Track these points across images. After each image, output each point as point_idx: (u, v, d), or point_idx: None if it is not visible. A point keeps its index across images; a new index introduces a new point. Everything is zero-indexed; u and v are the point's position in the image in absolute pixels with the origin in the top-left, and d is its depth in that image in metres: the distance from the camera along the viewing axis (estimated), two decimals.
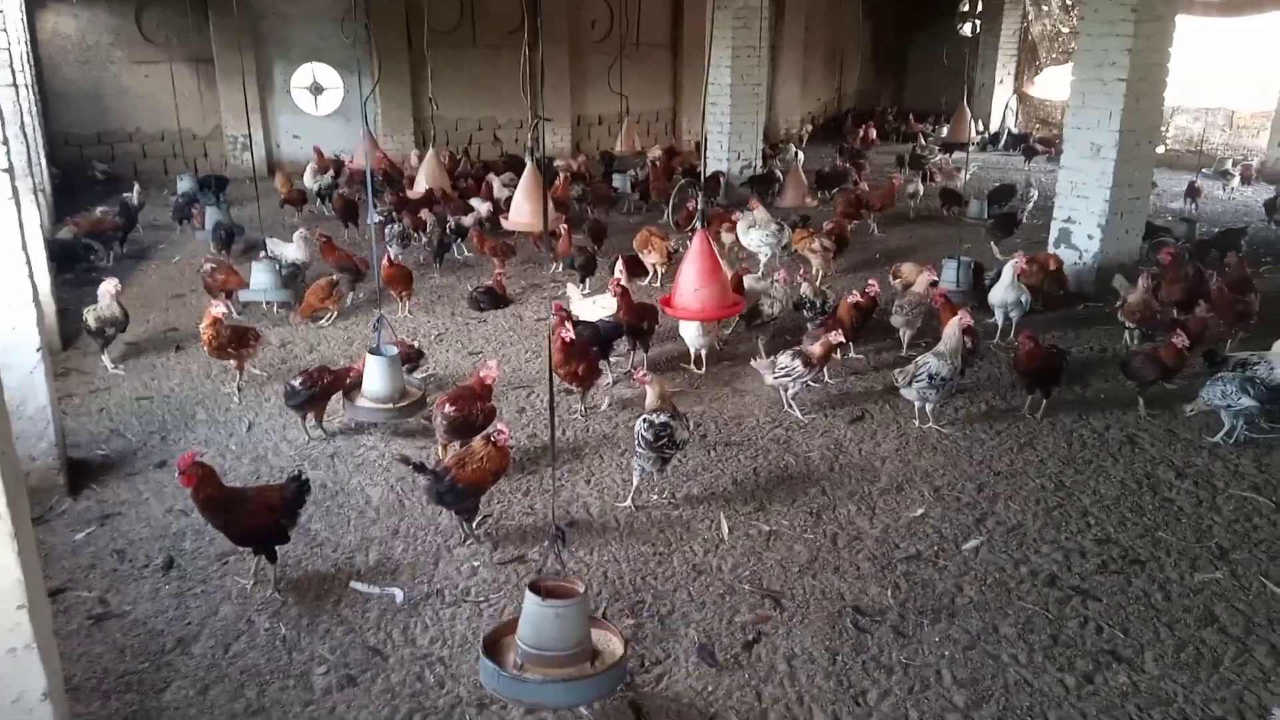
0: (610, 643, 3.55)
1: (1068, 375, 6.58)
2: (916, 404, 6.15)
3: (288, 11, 15.44)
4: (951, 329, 6.09)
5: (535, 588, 3.37)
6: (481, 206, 10.79)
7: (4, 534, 2.53)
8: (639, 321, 7.03)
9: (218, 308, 6.46)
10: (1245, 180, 14.69)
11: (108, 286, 7.00)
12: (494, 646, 3.50)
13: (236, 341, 6.53)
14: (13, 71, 8.20)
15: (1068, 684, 3.76)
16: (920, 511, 5.10)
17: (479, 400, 5.50)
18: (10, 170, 5.12)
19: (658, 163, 14.27)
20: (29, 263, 5.22)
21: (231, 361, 6.61)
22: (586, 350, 6.36)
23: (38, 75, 13.48)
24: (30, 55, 12.81)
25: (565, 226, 9.89)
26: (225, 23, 14.28)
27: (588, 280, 9.14)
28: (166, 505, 5.15)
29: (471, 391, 5.54)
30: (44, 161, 11.67)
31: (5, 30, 8.16)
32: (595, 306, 7.50)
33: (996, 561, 4.63)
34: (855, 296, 7.04)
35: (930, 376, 5.93)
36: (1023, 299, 7.62)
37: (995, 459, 5.74)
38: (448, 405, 5.42)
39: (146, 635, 4.08)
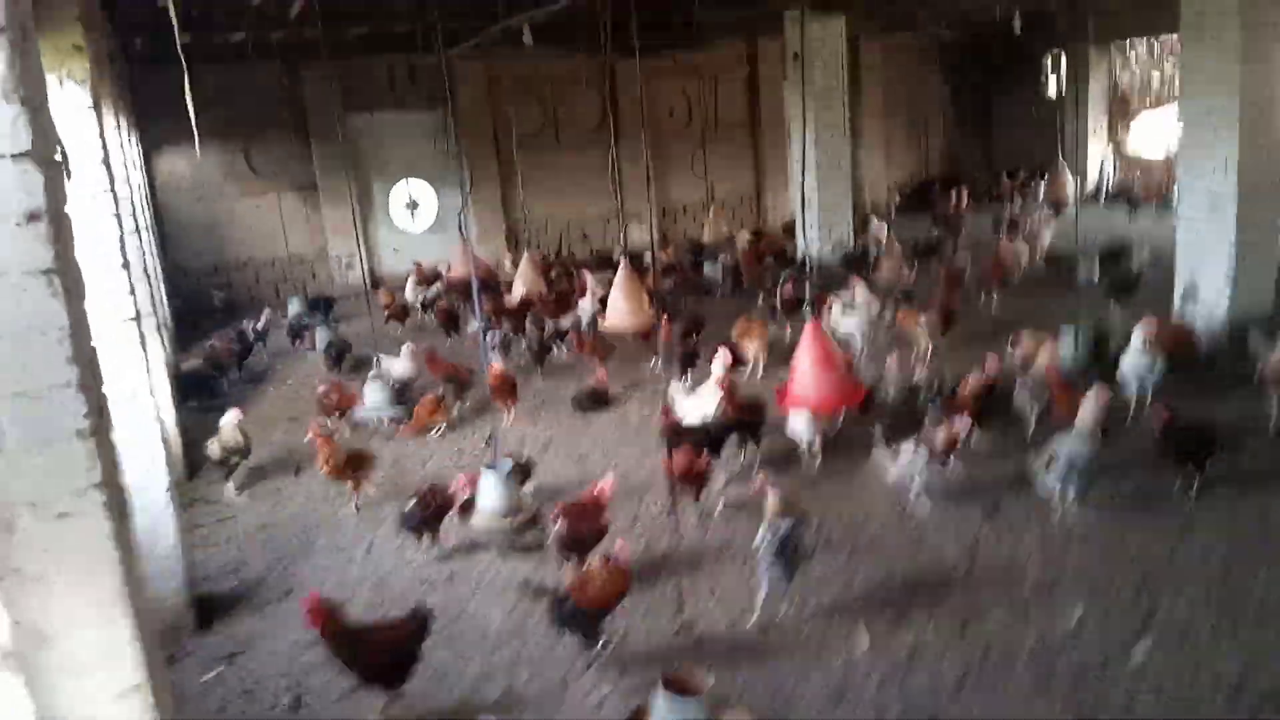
0: None
1: (1218, 449, 6.08)
2: (1057, 492, 5.75)
3: (382, 133, 16.18)
4: (1088, 406, 5.71)
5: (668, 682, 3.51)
6: (586, 306, 10.81)
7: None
8: (748, 417, 6.86)
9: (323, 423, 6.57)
10: None
11: (230, 418, 7.22)
12: None
13: (354, 464, 6.62)
14: (135, 218, 8.69)
15: None
16: (1078, 615, 4.69)
17: (591, 514, 5.39)
18: (138, 317, 5.33)
19: (748, 247, 14.22)
20: (157, 404, 5.39)
21: (349, 483, 6.69)
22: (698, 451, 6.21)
23: (156, 216, 14.37)
24: (149, 197, 13.67)
25: (665, 319, 9.84)
26: (326, 149, 15.02)
27: (689, 373, 9.02)
28: (293, 638, 5.14)
29: (583, 508, 5.44)
30: (164, 297, 12.31)
31: (129, 182, 8.69)
32: (700, 401, 7.34)
33: (1172, 668, 4.20)
34: (976, 376, 6.73)
35: (1071, 461, 5.55)
36: (1157, 365, 7.15)
37: (1152, 549, 5.29)
38: (559, 521, 5.33)
39: None
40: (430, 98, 15.62)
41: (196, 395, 9.56)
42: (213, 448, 7.23)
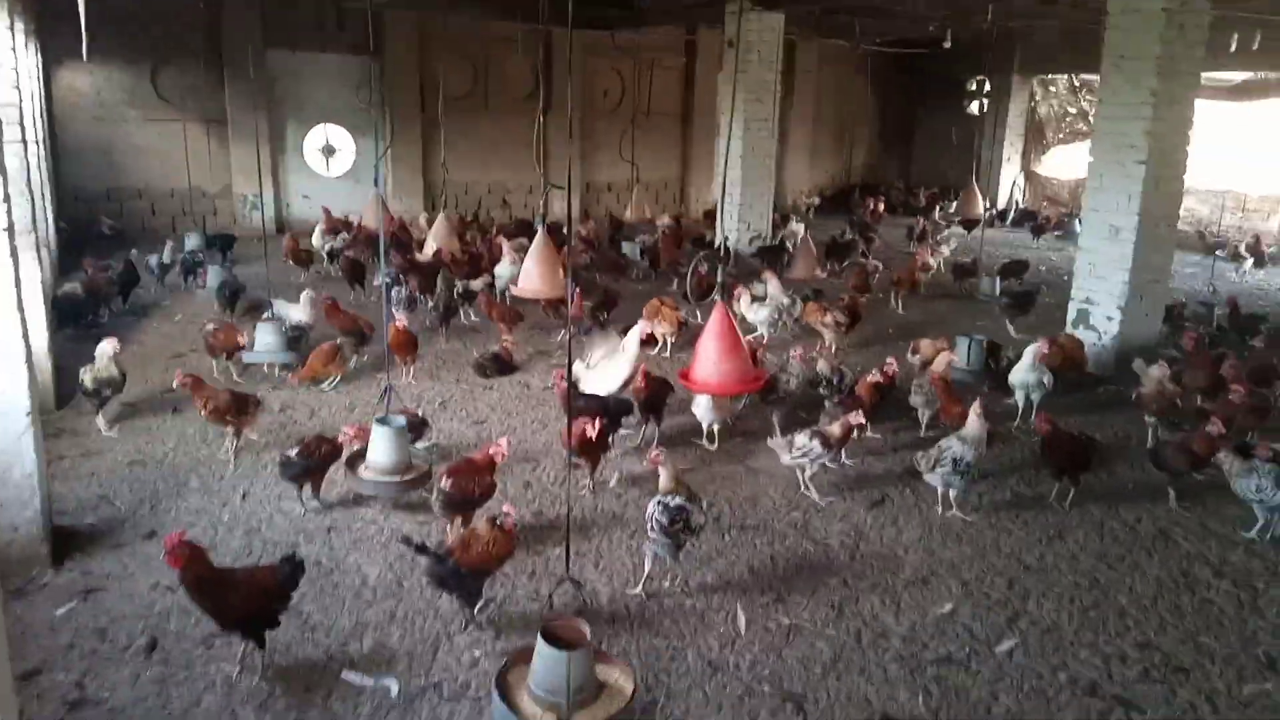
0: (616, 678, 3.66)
1: (1095, 463, 6.34)
2: (940, 490, 5.91)
3: (302, 74, 15.57)
4: (974, 414, 5.90)
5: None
6: (502, 270, 10.61)
7: None
8: (658, 397, 6.83)
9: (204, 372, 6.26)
10: (1258, 264, 14.62)
11: (106, 347, 6.82)
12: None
13: (236, 407, 6.34)
14: (22, 128, 8.13)
15: None
16: (948, 608, 4.82)
17: (480, 474, 5.27)
18: (10, 229, 4.97)
19: (668, 231, 14.22)
20: (24, 322, 5.03)
21: (229, 428, 6.40)
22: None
23: (50, 131, 13.52)
24: (45, 111, 12.85)
25: (578, 293, 9.75)
26: (240, 83, 14.38)
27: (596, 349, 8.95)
28: (153, 580, 4.88)
29: (473, 465, 5.31)
30: (50, 217, 11.60)
31: (18, 88, 8.12)
32: (601, 377, 7.30)
33: (1033, 666, 4.35)
34: (875, 375, 6.86)
35: (955, 461, 5.70)
36: (1044, 380, 7.42)
37: (1024, 551, 5.48)
38: (445, 479, 5.20)
39: None
40: (356, 45, 15.12)
41: (73, 323, 9.03)
42: (85, 379, 6.82)
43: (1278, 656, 4.48)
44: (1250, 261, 14.59)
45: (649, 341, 9.12)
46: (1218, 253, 15.09)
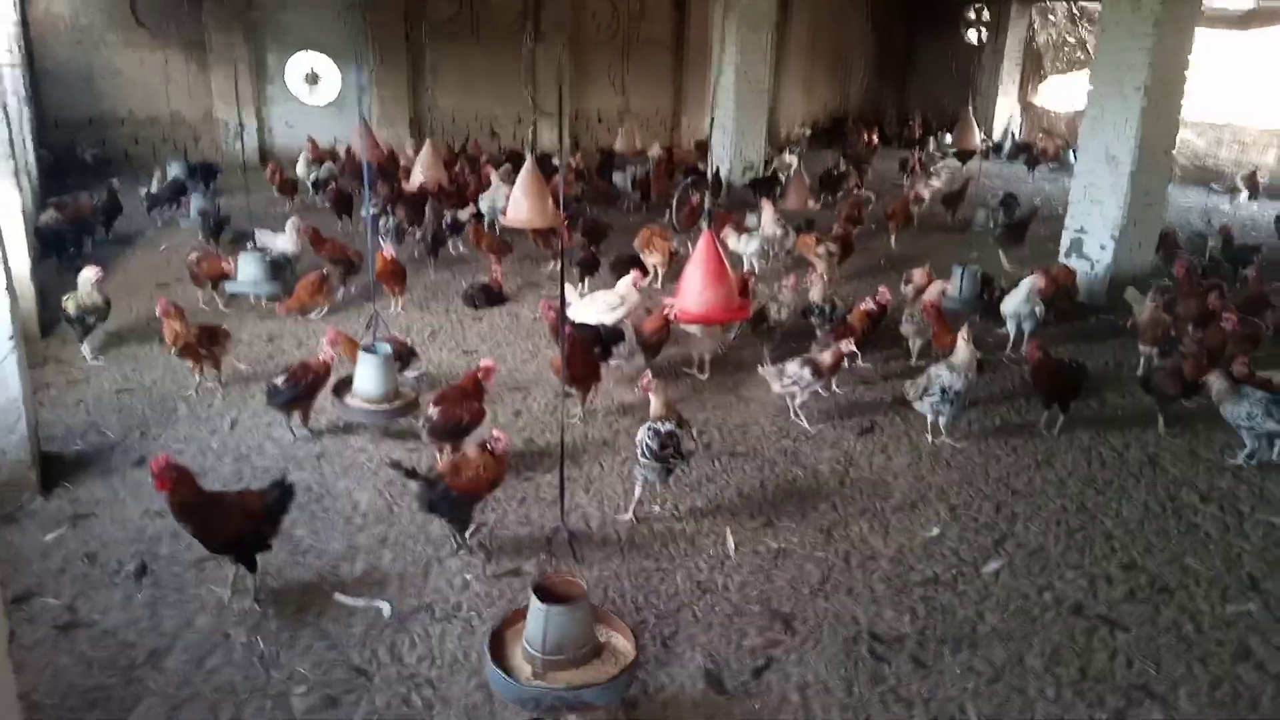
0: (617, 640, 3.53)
1: (1084, 391, 6.35)
2: (929, 417, 5.91)
3: None
4: (962, 342, 5.88)
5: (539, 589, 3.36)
6: (497, 198, 10.44)
7: None
8: (662, 341, 6.76)
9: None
10: (1253, 195, 14.53)
11: (89, 274, 6.72)
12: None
13: (207, 340, 6.21)
14: None
15: None
16: (936, 531, 4.86)
17: (468, 399, 5.24)
18: None
19: (659, 161, 14.03)
20: (3, 246, 4.93)
21: (201, 362, 6.28)
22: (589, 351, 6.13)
23: (28, 56, 13.16)
24: (22, 35, 12.48)
25: (565, 222, 9.62)
26: (220, 8, 13.98)
27: (587, 280, 8.88)
28: (143, 506, 4.88)
29: (461, 391, 5.28)
30: (30, 144, 11.34)
31: None
32: (594, 307, 7.24)
33: (1019, 587, 4.40)
34: (867, 304, 6.81)
35: (943, 390, 5.70)
36: (1037, 310, 7.39)
37: (1012, 477, 5.51)
38: (432, 407, 5.17)
39: (116, 647, 3.80)
40: None
41: (55, 252, 8.88)
42: (68, 305, 6.73)
43: (1261, 577, 4.53)
44: (1245, 194, 14.48)
45: (641, 272, 9.07)
46: (1213, 185, 14.98)
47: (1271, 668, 3.87)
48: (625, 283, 7.31)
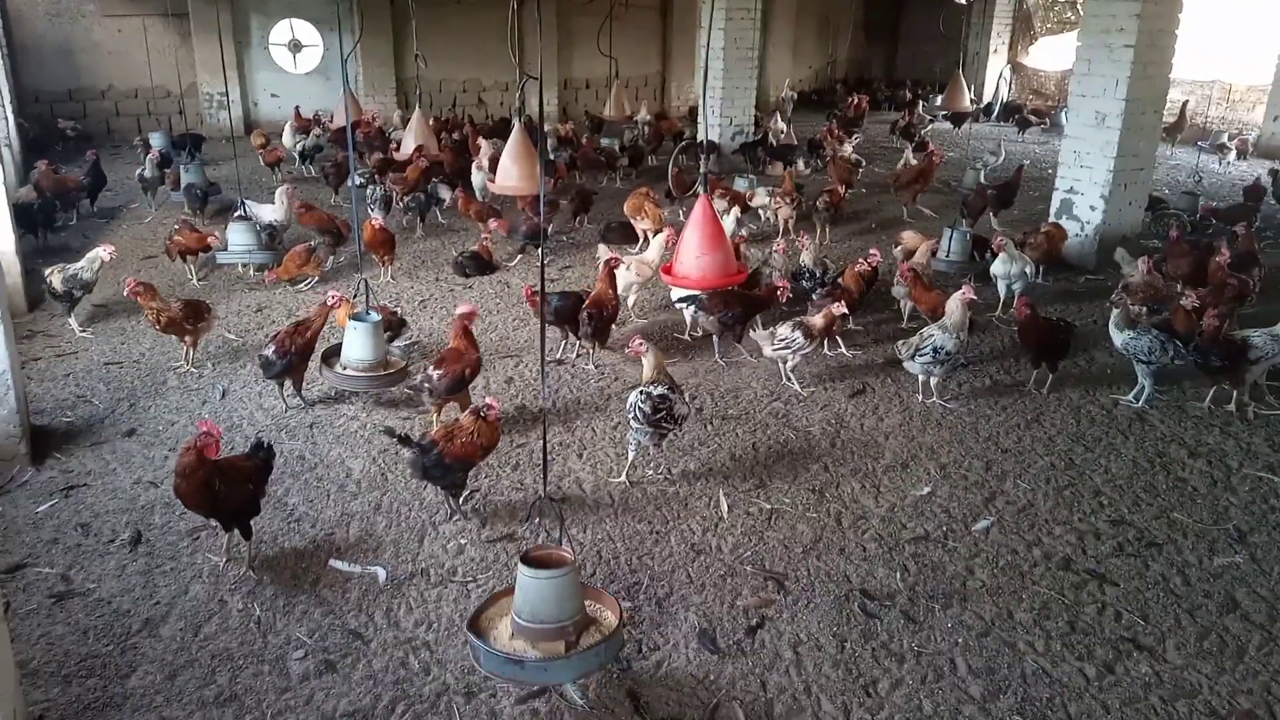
0: (604, 614, 3.45)
1: (1073, 349, 6.37)
2: (920, 378, 5.93)
3: None
4: (955, 303, 5.88)
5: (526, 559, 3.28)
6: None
7: None
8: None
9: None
10: (1241, 155, 14.52)
11: (102, 252, 6.70)
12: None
13: (190, 315, 6.12)
14: None
15: (1088, 674, 3.58)
16: (927, 490, 4.90)
17: (463, 355, 5.28)
18: None
19: (653, 125, 13.94)
20: None
21: (185, 339, 6.22)
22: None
23: (6, 30, 12.95)
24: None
25: (553, 183, 9.57)
26: None
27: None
28: (135, 476, 4.88)
29: (455, 352, 5.30)
30: (11, 118, 11.20)
31: None
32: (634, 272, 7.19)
33: (1008, 543, 4.44)
34: (861, 265, 6.81)
35: (935, 350, 5.71)
36: (1027, 270, 7.40)
37: (1002, 435, 5.54)
38: (434, 369, 5.24)
39: (111, 616, 3.82)
40: None
41: (37, 227, 8.78)
42: (54, 280, 6.68)
43: (1248, 530, 4.58)
44: (1234, 154, 14.47)
45: (629, 238, 9.07)
46: (1200, 144, 14.96)
47: (1257, 618, 3.93)
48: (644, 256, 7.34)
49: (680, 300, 6.80)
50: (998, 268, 7.47)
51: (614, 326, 6.64)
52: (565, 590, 3.24)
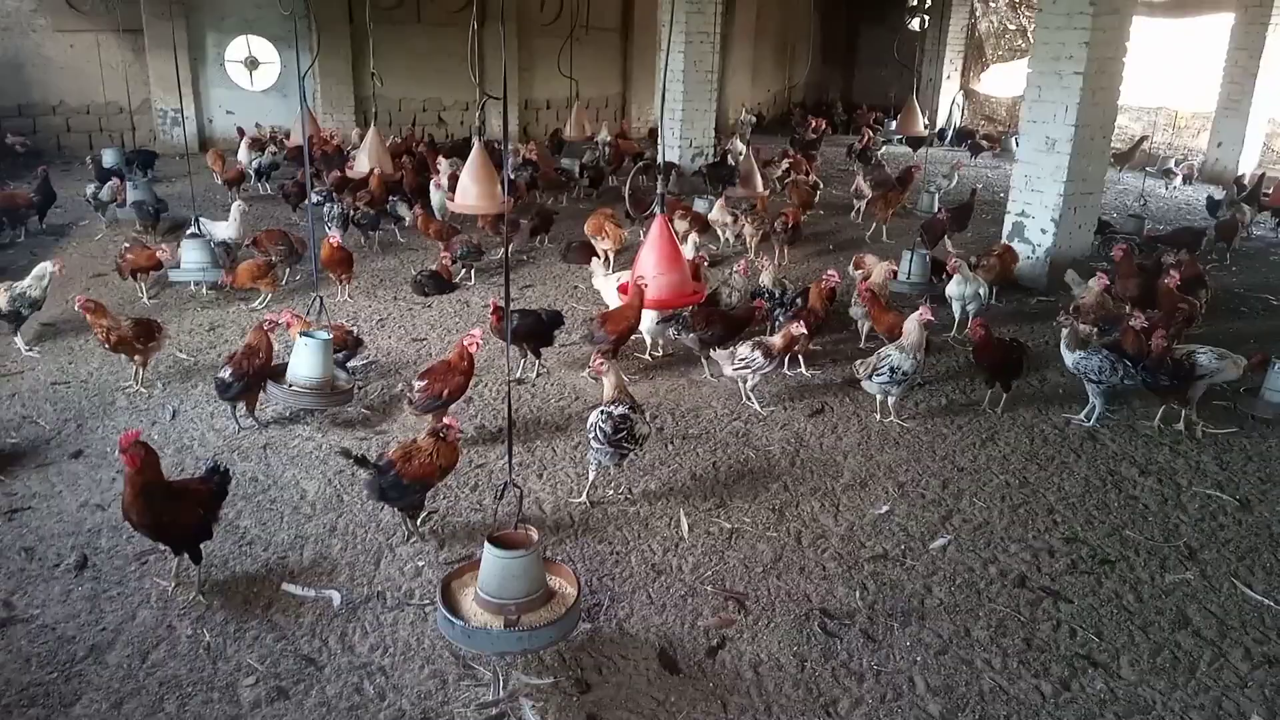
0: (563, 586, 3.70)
1: (1026, 369, 6.47)
2: (878, 397, 5.99)
3: None
4: (912, 324, 5.95)
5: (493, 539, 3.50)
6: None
7: None
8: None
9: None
10: (1187, 180, 14.93)
11: (49, 266, 6.56)
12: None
13: (141, 335, 5.98)
14: None
15: (1044, 691, 3.61)
16: (885, 508, 4.93)
17: (450, 374, 5.33)
18: None
19: (616, 144, 14.00)
20: None
21: (135, 358, 6.07)
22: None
23: None
24: None
25: (511, 204, 9.56)
26: None
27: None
28: (81, 499, 4.75)
29: (446, 366, 5.33)
30: None
31: None
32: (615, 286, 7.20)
33: (965, 561, 4.48)
34: (823, 282, 6.88)
35: (892, 370, 5.77)
36: (980, 291, 7.53)
37: (958, 454, 5.61)
38: (419, 381, 5.32)
39: (55, 642, 3.70)
40: None
41: None
42: (0, 298, 6.52)
43: (1198, 547, 4.67)
44: (1179, 178, 14.88)
45: (588, 256, 9.07)
46: (1147, 169, 15.36)
47: (1208, 634, 4.00)
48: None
49: (662, 320, 6.77)
50: (952, 289, 7.59)
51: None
52: (518, 570, 3.49)
